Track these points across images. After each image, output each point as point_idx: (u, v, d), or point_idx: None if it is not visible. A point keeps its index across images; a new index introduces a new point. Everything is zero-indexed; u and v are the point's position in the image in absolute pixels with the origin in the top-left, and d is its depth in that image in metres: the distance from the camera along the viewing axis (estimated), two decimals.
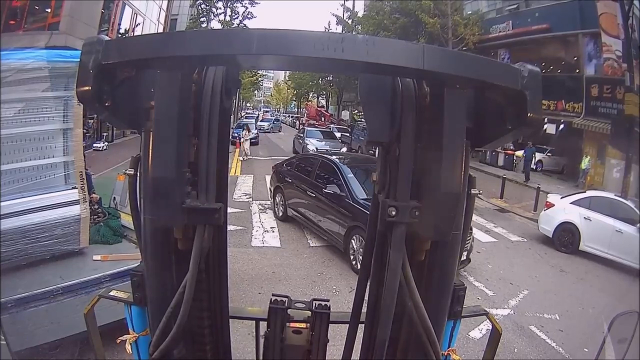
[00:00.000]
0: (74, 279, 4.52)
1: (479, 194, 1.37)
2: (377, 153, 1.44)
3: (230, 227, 10.08)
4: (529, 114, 1.07)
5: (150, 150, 1.14)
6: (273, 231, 10.54)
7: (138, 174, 1.28)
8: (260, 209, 12.32)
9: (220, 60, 1.17)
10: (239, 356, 1.83)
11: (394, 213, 1.18)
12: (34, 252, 4.57)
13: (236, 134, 28.27)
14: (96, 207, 5.86)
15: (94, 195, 5.85)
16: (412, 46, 1.03)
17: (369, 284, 1.50)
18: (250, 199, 13.40)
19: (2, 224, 4.28)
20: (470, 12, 26.71)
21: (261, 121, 45.14)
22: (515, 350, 6.22)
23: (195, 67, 1.21)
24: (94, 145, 19.54)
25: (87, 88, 1.05)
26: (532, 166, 21.47)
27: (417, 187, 1.21)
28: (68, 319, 4.14)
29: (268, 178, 15.10)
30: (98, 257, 5.05)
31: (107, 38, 1.07)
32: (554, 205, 11.78)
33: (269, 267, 8.40)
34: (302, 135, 26.23)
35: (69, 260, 4.93)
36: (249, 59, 1.12)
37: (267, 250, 9.29)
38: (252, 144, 27.74)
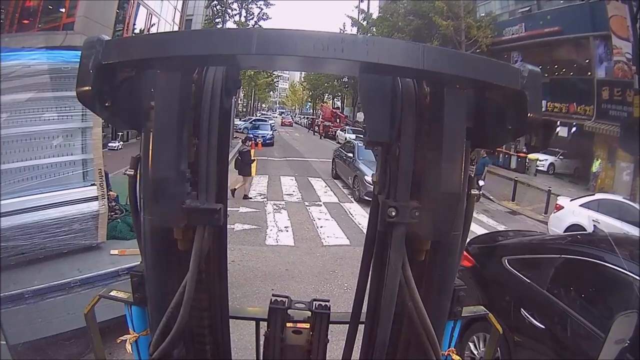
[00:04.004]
0: (92, 272, 4.58)
1: (479, 194, 1.34)
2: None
3: (244, 226, 10.20)
4: (529, 114, 1.04)
5: (150, 151, 1.13)
6: (287, 230, 10.51)
7: (138, 174, 1.27)
8: (274, 209, 12.26)
9: (220, 60, 1.15)
10: (239, 356, 1.80)
11: (393, 213, 1.16)
12: (52, 246, 4.62)
13: (251, 135, 28.41)
14: (113, 204, 5.91)
15: (111, 192, 5.90)
16: (411, 46, 1.00)
17: (369, 284, 1.47)
18: (265, 199, 13.35)
19: (22, 219, 4.35)
20: (483, 15, 26.40)
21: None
22: None
23: (195, 67, 1.19)
24: (109, 144, 19.33)
25: (87, 88, 1.04)
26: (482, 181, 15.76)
27: (417, 187, 1.18)
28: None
29: (283, 179, 14.97)
30: (115, 252, 5.08)
31: (107, 38, 1.05)
32: (563, 207, 11.60)
33: (282, 265, 8.39)
34: (351, 155, 15.38)
35: (87, 254, 4.97)
36: (249, 59, 1.10)
37: (281, 249, 9.28)
38: (267, 144, 27.62)
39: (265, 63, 1.24)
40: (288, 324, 1.66)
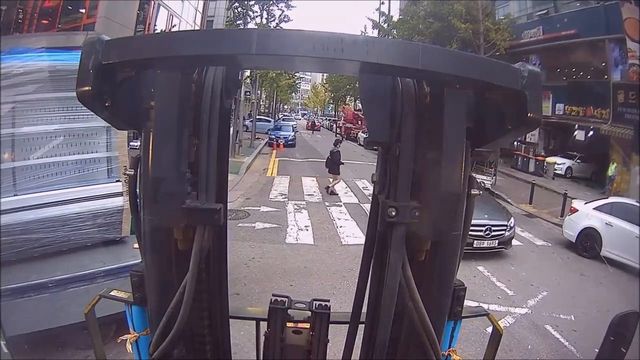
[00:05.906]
0: (115, 264, 4.65)
1: (479, 194, 1.30)
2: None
3: (265, 225, 10.28)
4: (529, 114, 1.00)
5: (150, 151, 1.10)
6: (307, 229, 10.54)
7: (138, 174, 1.24)
8: (295, 209, 12.28)
9: (220, 60, 1.12)
10: (239, 356, 1.78)
11: (394, 213, 1.12)
12: (77, 239, 4.72)
13: (273, 136, 28.58)
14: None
15: None
16: (411, 46, 0.97)
17: (369, 284, 1.43)
18: (286, 199, 13.37)
19: (46, 212, 4.45)
20: (502, 17, 25.87)
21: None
22: (529, 347, 6.17)
23: (195, 67, 1.16)
24: (131, 143, 19.38)
25: (87, 88, 1.01)
26: None
27: (417, 187, 1.14)
28: (107, 300, 4.25)
29: (304, 180, 14.93)
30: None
31: (107, 38, 1.03)
32: (578, 210, 11.40)
33: (301, 262, 8.45)
34: None
35: (111, 247, 5.08)
36: (249, 59, 1.07)
37: (300, 247, 9.33)
38: (289, 145, 27.63)
39: (266, 63, 1.22)
40: (288, 324, 1.63)
